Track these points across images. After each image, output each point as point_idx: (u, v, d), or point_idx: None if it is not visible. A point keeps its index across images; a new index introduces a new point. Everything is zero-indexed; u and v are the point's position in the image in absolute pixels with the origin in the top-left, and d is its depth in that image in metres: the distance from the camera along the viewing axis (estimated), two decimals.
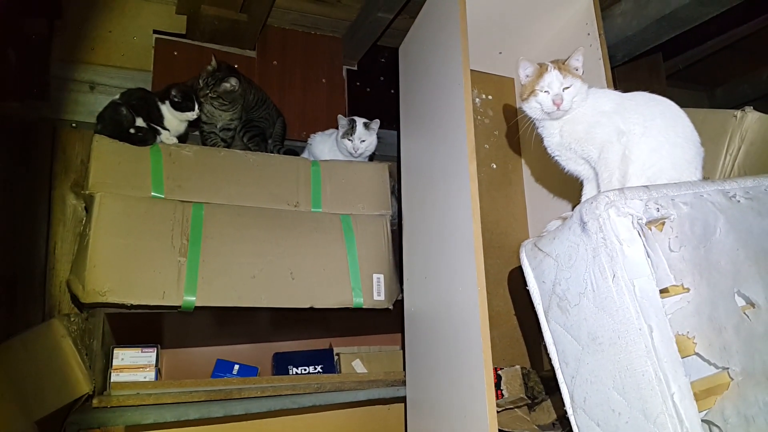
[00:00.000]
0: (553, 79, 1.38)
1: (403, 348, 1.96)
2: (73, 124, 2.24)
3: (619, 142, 1.31)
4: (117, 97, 1.95)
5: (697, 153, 1.33)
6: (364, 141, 2.17)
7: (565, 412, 1.19)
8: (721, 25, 2.41)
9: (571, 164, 1.46)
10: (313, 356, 2.20)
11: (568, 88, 1.37)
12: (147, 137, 1.88)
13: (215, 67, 2.08)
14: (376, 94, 2.89)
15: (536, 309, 1.27)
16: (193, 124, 2.10)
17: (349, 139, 2.15)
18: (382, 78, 2.92)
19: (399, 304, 2.01)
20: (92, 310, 1.79)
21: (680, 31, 2.16)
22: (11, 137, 2.15)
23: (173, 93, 1.96)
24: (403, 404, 1.91)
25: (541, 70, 1.41)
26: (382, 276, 2.02)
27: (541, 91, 1.39)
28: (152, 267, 1.71)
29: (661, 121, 1.32)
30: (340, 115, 2.20)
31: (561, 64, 1.40)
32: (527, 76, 1.44)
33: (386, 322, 2.16)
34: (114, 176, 1.78)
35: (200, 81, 2.06)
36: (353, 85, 2.85)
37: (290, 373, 2.12)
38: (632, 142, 1.30)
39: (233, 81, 2.06)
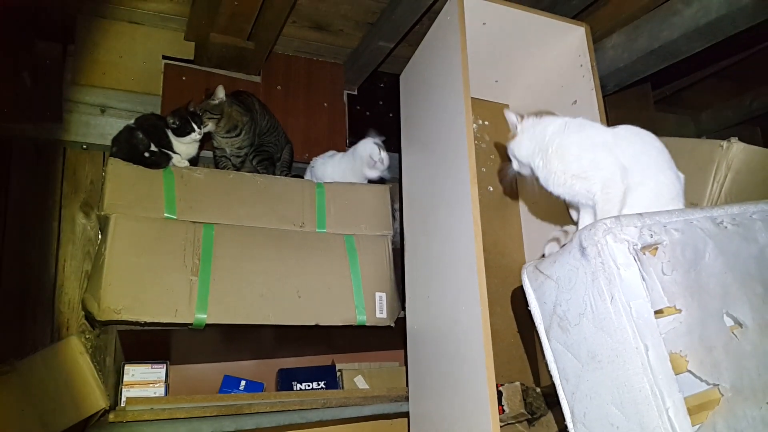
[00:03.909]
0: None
1: (405, 364, 2.01)
2: (84, 146, 2.31)
3: (623, 181, 1.33)
4: (132, 122, 2.00)
5: (680, 190, 1.38)
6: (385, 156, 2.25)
7: (566, 427, 1.24)
8: (707, 57, 2.51)
9: (566, 196, 1.47)
10: (316, 372, 2.26)
11: None
12: (160, 161, 1.94)
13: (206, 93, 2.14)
14: (376, 118, 2.98)
15: (537, 328, 1.32)
16: (208, 148, 2.15)
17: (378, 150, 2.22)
18: (381, 102, 3.02)
19: (399, 322, 2.06)
20: (105, 327, 1.83)
21: (668, 64, 2.25)
22: (24, 157, 2.21)
23: (170, 121, 1.99)
24: (405, 419, 1.95)
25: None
26: (384, 294, 2.07)
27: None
28: (165, 285, 1.75)
29: (655, 170, 1.37)
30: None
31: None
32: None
33: (386, 339, 2.20)
34: (128, 198, 1.83)
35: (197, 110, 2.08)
36: (353, 108, 2.94)
37: (294, 388, 2.17)
38: (630, 189, 1.34)
39: (220, 93, 2.09)
